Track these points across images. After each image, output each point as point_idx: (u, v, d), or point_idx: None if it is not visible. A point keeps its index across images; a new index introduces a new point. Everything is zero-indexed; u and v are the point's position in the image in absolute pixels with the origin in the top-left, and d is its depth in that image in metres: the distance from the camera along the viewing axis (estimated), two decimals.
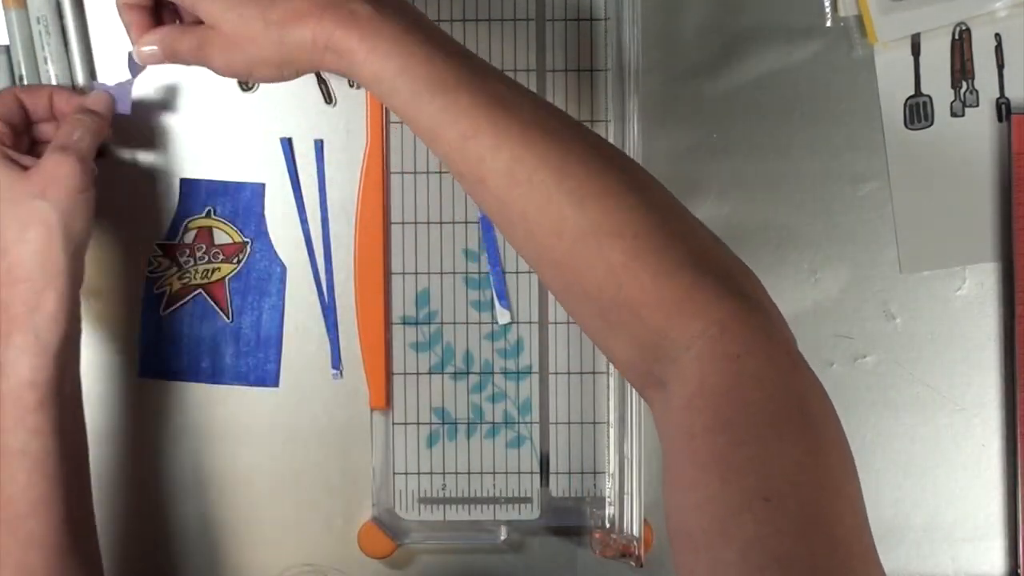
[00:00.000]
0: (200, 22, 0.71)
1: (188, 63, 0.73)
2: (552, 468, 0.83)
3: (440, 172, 0.83)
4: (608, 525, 0.82)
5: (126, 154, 0.84)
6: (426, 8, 0.83)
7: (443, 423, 0.83)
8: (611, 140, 0.83)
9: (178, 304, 0.84)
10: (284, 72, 0.70)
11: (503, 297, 0.83)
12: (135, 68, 0.76)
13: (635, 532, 0.80)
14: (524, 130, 0.66)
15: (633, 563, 0.80)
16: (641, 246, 0.64)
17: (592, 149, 0.67)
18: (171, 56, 0.74)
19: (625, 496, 0.81)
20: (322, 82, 0.84)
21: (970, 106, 0.85)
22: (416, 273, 0.83)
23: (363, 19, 0.67)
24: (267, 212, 0.84)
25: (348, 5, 0.68)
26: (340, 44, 0.67)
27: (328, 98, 0.84)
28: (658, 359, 0.64)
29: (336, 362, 0.84)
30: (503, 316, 0.83)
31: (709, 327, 0.62)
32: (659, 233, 0.64)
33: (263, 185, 0.84)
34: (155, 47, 0.74)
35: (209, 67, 0.72)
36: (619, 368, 0.69)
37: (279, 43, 0.69)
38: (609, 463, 0.83)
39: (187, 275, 0.84)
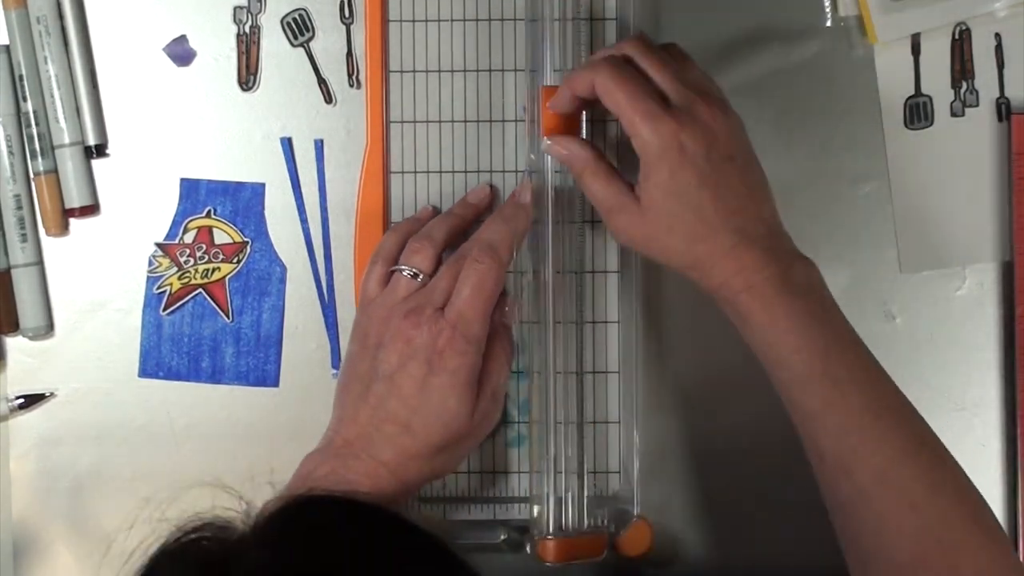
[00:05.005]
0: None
1: (583, 190, 0.76)
2: (552, 468, 0.83)
3: (440, 172, 0.83)
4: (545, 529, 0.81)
5: (126, 154, 0.84)
6: (426, 7, 0.83)
7: None
8: (612, 140, 0.83)
9: (178, 304, 0.84)
10: (675, 267, 0.74)
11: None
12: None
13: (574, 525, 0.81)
14: (906, 439, 0.71)
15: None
16: (996, 567, 0.70)
17: (957, 472, 0.71)
18: (576, 174, 0.76)
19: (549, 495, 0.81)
20: (322, 82, 0.84)
21: (970, 106, 0.85)
22: None
23: (772, 290, 0.71)
24: (267, 212, 0.84)
25: (763, 271, 0.71)
26: (742, 305, 0.71)
27: (328, 98, 0.84)
28: None
29: (336, 362, 0.84)
30: None
31: None
32: (1009, 560, 0.71)
33: (263, 185, 0.84)
34: (565, 154, 0.76)
35: (601, 213, 0.75)
36: None
37: (690, 260, 0.73)
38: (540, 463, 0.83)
39: (187, 275, 0.84)
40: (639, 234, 0.74)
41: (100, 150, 0.84)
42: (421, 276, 0.77)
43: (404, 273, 0.77)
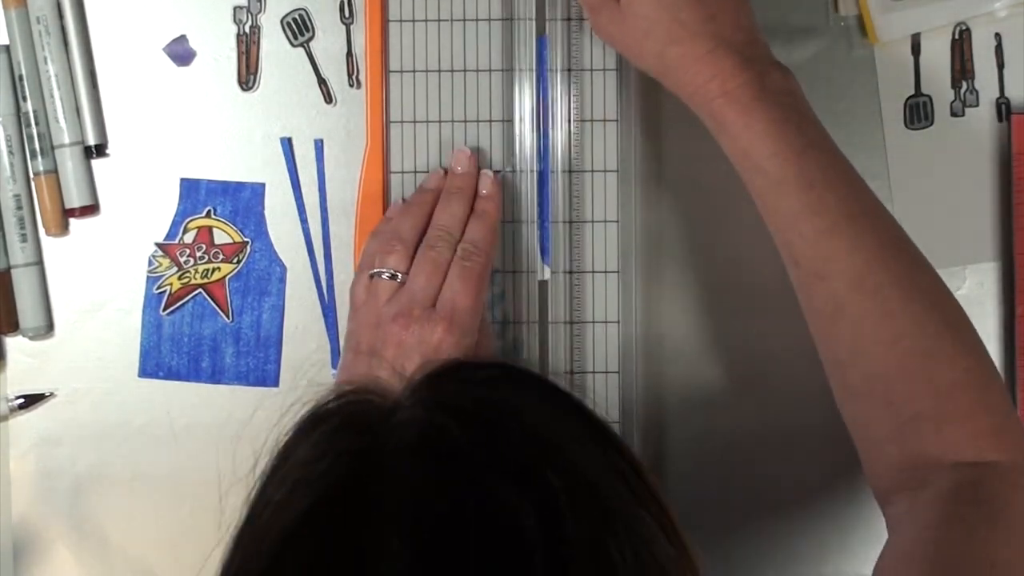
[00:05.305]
0: None
1: None
2: None
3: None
4: None
5: (126, 154, 0.84)
6: (426, 7, 0.83)
7: None
8: (612, 140, 0.83)
9: (178, 304, 0.84)
10: (650, 72, 0.75)
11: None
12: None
13: None
14: (881, 244, 0.71)
15: None
16: (971, 378, 0.69)
17: (934, 279, 0.72)
18: None
19: None
20: (322, 82, 0.84)
21: (970, 106, 0.85)
22: None
23: (748, 95, 0.71)
24: (267, 212, 0.84)
25: (739, 77, 0.71)
26: (718, 110, 0.72)
27: (328, 98, 0.84)
28: (930, 466, 0.68)
29: (336, 362, 0.84)
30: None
31: (1017, 457, 0.68)
32: (987, 371, 0.71)
33: (263, 185, 0.84)
34: None
35: (584, 10, 0.78)
36: (872, 460, 0.72)
37: (662, 64, 0.73)
38: None
39: (187, 275, 0.84)
40: (617, 33, 0.75)
41: (100, 150, 0.84)
42: (400, 276, 0.78)
43: (383, 276, 0.78)
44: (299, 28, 0.84)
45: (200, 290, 0.84)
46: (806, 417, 0.83)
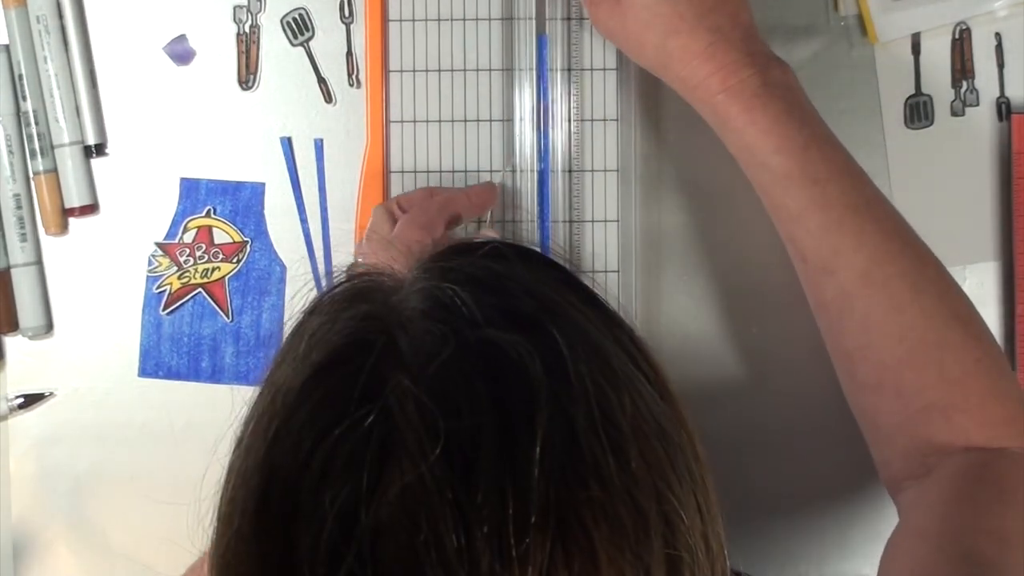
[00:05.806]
0: None
1: None
2: None
3: (440, 171, 0.83)
4: None
5: (126, 154, 0.84)
6: (426, 7, 0.83)
7: None
8: (612, 140, 0.83)
9: (178, 304, 0.84)
10: (649, 67, 0.75)
11: None
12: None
13: None
14: (887, 237, 0.71)
15: None
16: (981, 368, 0.70)
17: (940, 270, 0.72)
18: None
19: None
20: (322, 82, 0.84)
21: (970, 106, 0.85)
22: None
23: (750, 91, 0.71)
24: (267, 212, 0.85)
25: (740, 73, 0.71)
26: (720, 106, 0.72)
27: (328, 98, 0.84)
28: (940, 453, 0.68)
29: None
30: None
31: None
32: (996, 361, 0.71)
33: (263, 185, 0.85)
34: None
35: (583, 3, 0.78)
36: (883, 450, 0.72)
37: (663, 57, 0.73)
38: None
39: (187, 275, 0.84)
40: (617, 26, 0.75)
41: (100, 149, 0.84)
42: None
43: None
44: (299, 28, 0.84)
45: (200, 290, 0.84)
46: (806, 418, 0.83)
